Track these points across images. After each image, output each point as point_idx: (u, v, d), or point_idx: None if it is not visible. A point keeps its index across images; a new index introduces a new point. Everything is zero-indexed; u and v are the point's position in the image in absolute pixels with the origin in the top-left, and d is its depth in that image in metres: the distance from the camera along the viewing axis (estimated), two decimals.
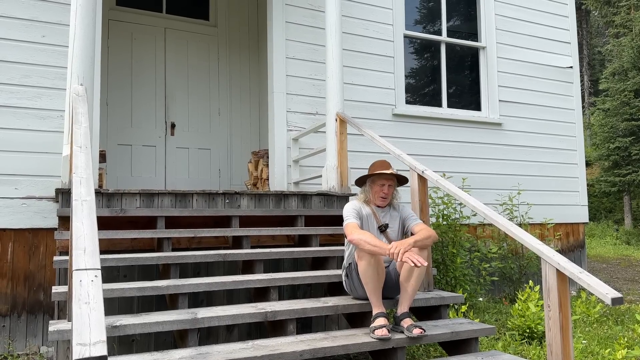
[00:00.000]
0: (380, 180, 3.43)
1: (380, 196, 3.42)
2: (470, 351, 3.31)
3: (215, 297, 3.90)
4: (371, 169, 3.47)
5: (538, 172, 6.92)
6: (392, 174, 3.42)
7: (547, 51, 7.18)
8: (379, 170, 3.41)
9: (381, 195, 3.42)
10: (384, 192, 3.41)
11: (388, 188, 3.42)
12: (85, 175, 2.42)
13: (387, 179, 3.43)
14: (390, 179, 3.44)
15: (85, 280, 1.74)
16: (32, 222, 4.33)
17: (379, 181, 3.43)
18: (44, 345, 4.25)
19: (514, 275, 5.91)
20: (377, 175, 3.42)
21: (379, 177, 3.43)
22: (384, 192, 3.41)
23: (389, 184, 3.43)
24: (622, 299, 2.40)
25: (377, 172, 3.40)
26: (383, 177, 3.43)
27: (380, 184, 3.42)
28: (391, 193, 3.47)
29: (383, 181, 3.42)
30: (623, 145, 17.08)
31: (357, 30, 5.98)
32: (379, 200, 3.44)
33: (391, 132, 5.98)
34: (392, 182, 3.46)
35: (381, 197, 3.43)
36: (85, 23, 3.74)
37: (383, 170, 3.40)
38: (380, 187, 3.42)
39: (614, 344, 4.03)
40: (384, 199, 3.43)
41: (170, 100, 6.71)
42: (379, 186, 3.43)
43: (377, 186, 3.43)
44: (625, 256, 12.18)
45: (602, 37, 30.82)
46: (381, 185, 3.42)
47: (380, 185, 3.42)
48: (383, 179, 3.43)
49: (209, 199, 4.21)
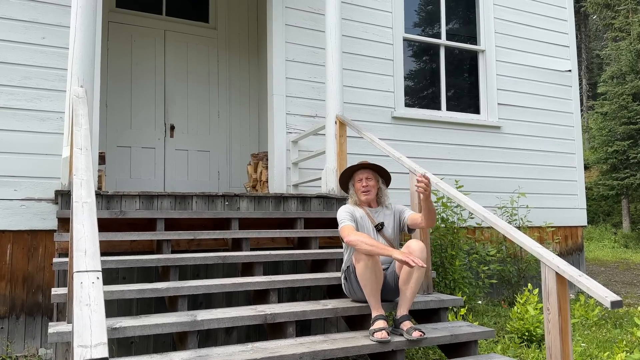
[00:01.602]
0: (357, 176, 3.48)
1: (362, 191, 3.44)
2: (470, 354, 3.31)
3: (215, 299, 3.90)
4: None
5: (537, 175, 6.93)
6: (366, 166, 3.46)
7: (545, 54, 7.20)
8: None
9: (363, 190, 3.44)
10: (363, 186, 3.44)
11: (366, 181, 3.45)
12: (86, 177, 2.42)
13: (363, 173, 3.47)
14: (366, 172, 3.47)
15: (86, 282, 1.74)
16: (31, 223, 4.32)
17: (357, 176, 3.48)
18: (43, 347, 4.24)
19: (512, 278, 5.92)
20: (355, 171, 3.48)
21: (356, 173, 3.48)
22: (363, 186, 3.44)
23: (366, 176, 3.46)
24: (622, 302, 2.40)
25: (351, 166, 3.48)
26: (359, 172, 3.48)
27: (359, 179, 3.47)
28: (373, 187, 3.47)
29: (360, 175, 3.47)
30: (621, 149, 17.11)
31: (357, 33, 5.99)
32: (362, 196, 3.45)
33: (390, 135, 5.99)
34: (369, 175, 3.47)
35: (363, 192, 3.44)
36: (86, 25, 3.74)
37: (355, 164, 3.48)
38: (359, 182, 3.46)
39: (613, 347, 4.03)
40: (366, 192, 3.44)
41: (169, 102, 6.72)
42: (358, 182, 3.47)
43: (357, 182, 3.48)
44: (623, 259, 12.19)
45: (601, 41, 30.92)
46: (359, 180, 3.46)
47: (358, 180, 3.47)
48: (359, 173, 3.47)
49: (208, 201, 4.21)
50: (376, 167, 3.49)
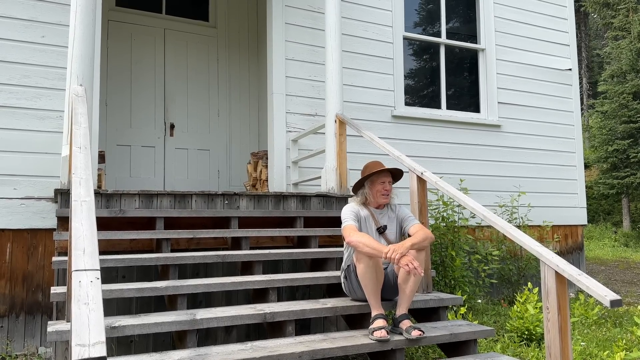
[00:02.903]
0: (380, 179, 3.46)
1: (382, 194, 3.44)
2: (469, 353, 3.31)
3: (214, 298, 3.90)
4: (367, 170, 3.48)
5: (537, 174, 6.92)
6: (389, 170, 3.47)
7: (546, 53, 7.19)
8: (377, 169, 3.44)
9: (383, 193, 3.44)
10: (386, 189, 3.45)
11: (389, 184, 3.47)
12: (85, 176, 2.41)
13: (386, 176, 3.47)
14: (389, 176, 3.49)
15: (85, 281, 1.74)
16: (30, 222, 4.32)
17: (380, 179, 3.45)
18: (42, 346, 4.24)
19: (512, 277, 5.92)
20: (377, 174, 3.45)
21: (378, 175, 3.46)
22: (385, 190, 3.44)
23: (389, 180, 3.48)
24: (621, 301, 2.40)
25: (377, 170, 3.43)
26: (382, 174, 3.46)
27: (381, 182, 3.45)
28: (391, 191, 3.49)
29: (383, 178, 3.45)
30: (621, 148, 17.11)
31: (357, 32, 5.99)
32: (381, 199, 3.45)
33: (390, 134, 5.98)
34: (391, 179, 3.50)
35: (383, 195, 3.45)
36: (85, 23, 3.74)
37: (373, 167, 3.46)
38: (381, 184, 3.44)
39: (612, 346, 4.03)
40: (386, 196, 3.45)
41: (169, 101, 6.71)
42: (380, 184, 3.45)
43: (378, 185, 3.45)
44: (623, 258, 12.19)
45: (601, 40, 30.89)
46: (382, 182, 3.45)
47: (381, 183, 3.45)
48: (383, 176, 3.46)
49: (208, 200, 4.20)
50: (395, 170, 3.51)
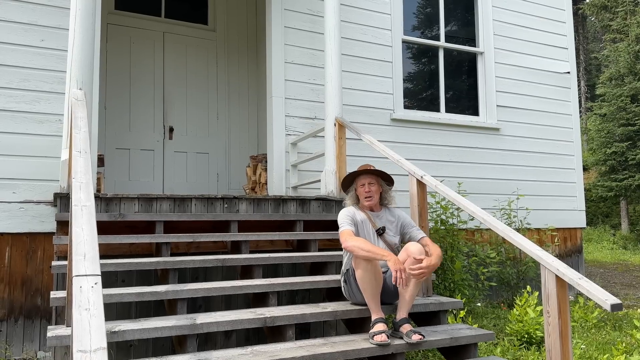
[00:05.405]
0: (360, 180, 3.47)
1: (364, 196, 3.44)
2: (469, 357, 3.31)
3: (214, 302, 3.89)
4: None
5: (536, 177, 6.93)
6: (370, 172, 3.46)
7: (544, 57, 7.21)
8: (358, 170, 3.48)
9: (365, 195, 3.44)
10: (366, 191, 3.44)
11: (369, 186, 3.44)
12: (85, 180, 2.41)
13: (366, 178, 3.46)
14: (370, 177, 3.46)
15: (86, 286, 1.73)
16: (29, 226, 4.31)
17: (360, 181, 3.47)
18: (41, 350, 4.23)
19: (512, 281, 5.91)
20: (357, 176, 3.47)
21: (358, 177, 3.47)
22: (366, 192, 3.44)
23: (369, 181, 3.45)
24: (621, 305, 2.40)
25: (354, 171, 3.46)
26: (361, 176, 3.47)
27: (361, 184, 3.46)
28: (376, 192, 3.46)
29: (363, 180, 3.46)
30: (620, 150, 17.13)
31: (356, 35, 5.99)
32: (364, 201, 3.45)
33: (390, 137, 5.99)
34: (373, 180, 3.47)
35: (365, 197, 3.44)
36: (85, 27, 3.73)
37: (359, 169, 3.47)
38: (361, 187, 3.46)
39: (612, 349, 4.03)
40: (369, 197, 3.44)
41: (168, 104, 6.71)
42: (360, 187, 3.46)
43: (359, 187, 3.47)
44: (622, 261, 12.20)
45: (599, 43, 30.97)
46: (362, 185, 3.46)
47: (361, 186, 3.46)
48: (362, 178, 3.47)
49: (207, 204, 4.20)
50: (378, 172, 3.49)
